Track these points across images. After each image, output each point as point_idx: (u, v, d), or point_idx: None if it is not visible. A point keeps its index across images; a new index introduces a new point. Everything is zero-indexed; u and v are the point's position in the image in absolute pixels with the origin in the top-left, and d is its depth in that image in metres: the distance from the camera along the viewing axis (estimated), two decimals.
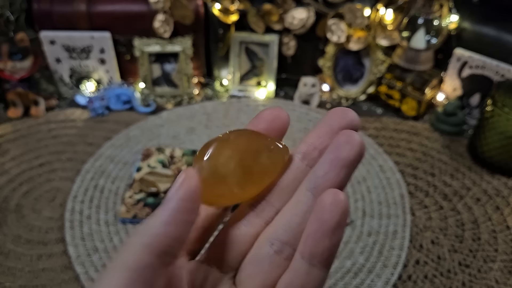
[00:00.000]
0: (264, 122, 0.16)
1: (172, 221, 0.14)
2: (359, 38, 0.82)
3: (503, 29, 0.76)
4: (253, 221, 0.16)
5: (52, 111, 0.85)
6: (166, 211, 0.14)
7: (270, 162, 0.16)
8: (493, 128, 0.67)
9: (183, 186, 0.14)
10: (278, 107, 0.17)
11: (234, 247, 0.16)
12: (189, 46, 0.83)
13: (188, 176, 0.14)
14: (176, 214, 0.14)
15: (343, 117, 0.16)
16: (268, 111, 0.16)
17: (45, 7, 0.80)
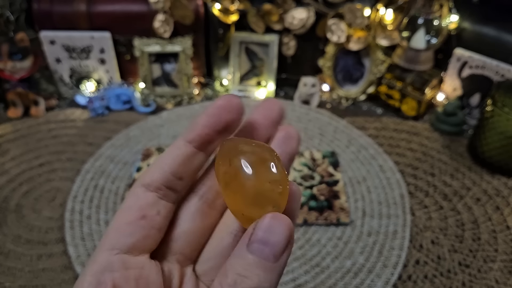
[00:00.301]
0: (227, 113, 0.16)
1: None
2: (359, 38, 0.82)
3: (503, 29, 0.76)
4: (208, 212, 0.16)
5: (52, 111, 0.85)
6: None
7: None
8: (493, 128, 0.67)
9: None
10: (230, 95, 0.16)
11: (193, 240, 0.16)
12: (189, 46, 0.83)
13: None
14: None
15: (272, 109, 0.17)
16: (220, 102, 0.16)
17: (45, 7, 0.80)
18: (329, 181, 0.66)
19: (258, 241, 0.13)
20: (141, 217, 0.15)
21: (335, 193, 0.63)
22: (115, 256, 0.14)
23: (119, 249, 0.14)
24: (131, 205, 0.15)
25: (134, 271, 0.14)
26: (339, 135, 0.78)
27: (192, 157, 0.16)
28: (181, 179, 0.15)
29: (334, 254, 0.55)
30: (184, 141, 0.16)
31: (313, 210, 0.60)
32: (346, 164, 0.71)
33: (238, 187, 0.14)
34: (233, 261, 0.14)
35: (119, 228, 0.15)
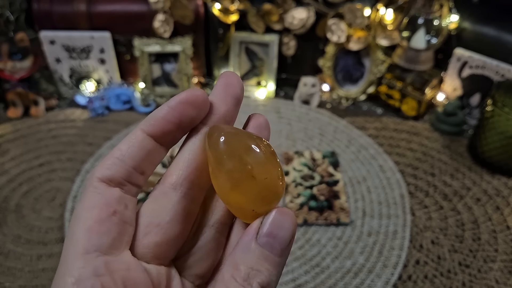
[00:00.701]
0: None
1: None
2: (359, 38, 0.82)
3: (503, 29, 0.76)
4: (193, 210, 0.16)
5: (52, 111, 0.85)
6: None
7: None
8: (493, 128, 0.67)
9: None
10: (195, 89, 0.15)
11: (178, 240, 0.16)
12: (189, 46, 0.83)
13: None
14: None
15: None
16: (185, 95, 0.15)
17: (45, 7, 0.80)
18: (329, 181, 0.66)
19: (268, 235, 0.13)
20: (112, 213, 0.14)
21: (335, 193, 0.63)
22: (97, 259, 0.13)
23: (98, 251, 0.13)
24: (97, 202, 0.14)
25: (120, 273, 0.13)
26: (339, 135, 0.78)
27: (154, 152, 0.15)
28: (143, 174, 0.15)
29: (334, 254, 0.55)
30: (145, 134, 0.15)
31: (313, 210, 0.60)
32: (346, 164, 0.70)
33: (252, 185, 0.14)
34: (243, 255, 0.13)
35: (91, 228, 0.13)
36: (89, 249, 0.13)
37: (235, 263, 0.13)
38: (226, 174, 0.14)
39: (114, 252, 0.13)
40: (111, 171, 0.14)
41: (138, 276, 0.14)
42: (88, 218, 0.13)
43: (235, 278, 0.13)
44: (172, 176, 0.15)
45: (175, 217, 0.15)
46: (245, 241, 0.14)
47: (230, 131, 0.15)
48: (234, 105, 0.16)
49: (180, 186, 0.15)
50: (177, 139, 0.15)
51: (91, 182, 0.14)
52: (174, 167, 0.15)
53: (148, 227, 0.14)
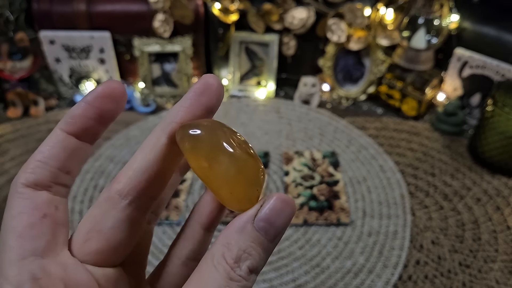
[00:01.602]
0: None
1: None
2: (359, 38, 0.82)
3: (504, 29, 0.75)
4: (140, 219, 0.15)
5: (52, 111, 0.85)
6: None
7: None
8: (494, 128, 0.66)
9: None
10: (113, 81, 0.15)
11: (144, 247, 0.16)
12: (189, 46, 0.83)
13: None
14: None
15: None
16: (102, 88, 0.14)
17: (45, 7, 0.80)
18: (329, 181, 0.66)
19: (265, 220, 0.13)
20: (42, 216, 0.13)
21: (335, 193, 0.63)
22: (32, 263, 0.13)
23: (33, 255, 0.13)
24: (24, 208, 0.13)
25: (59, 274, 0.13)
26: (339, 135, 0.78)
27: (78, 150, 0.14)
28: (69, 173, 0.14)
29: (334, 254, 0.55)
30: (65, 133, 0.14)
31: (313, 210, 0.60)
32: (346, 164, 0.70)
33: (254, 164, 0.14)
34: (238, 235, 0.13)
35: (22, 234, 0.13)
36: (24, 255, 0.13)
37: (227, 242, 0.13)
38: (228, 158, 0.13)
39: (50, 255, 0.13)
40: (35, 174, 0.13)
41: (80, 276, 0.13)
42: (18, 224, 0.13)
43: (226, 258, 0.13)
44: (120, 184, 0.14)
45: (118, 224, 0.14)
46: (241, 221, 0.13)
47: (199, 124, 0.14)
48: (204, 116, 0.15)
49: (126, 195, 0.14)
50: (100, 133, 0.15)
51: (15, 188, 0.13)
52: (123, 174, 0.14)
53: (89, 233, 0.14)
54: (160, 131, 0.14)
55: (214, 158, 0.14)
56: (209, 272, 0.13)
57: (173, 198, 0.62)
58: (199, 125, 0.14)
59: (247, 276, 0.13)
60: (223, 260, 0.13)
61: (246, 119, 0.82)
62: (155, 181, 0.14)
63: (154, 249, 0.55)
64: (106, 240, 0.14)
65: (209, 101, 0.14)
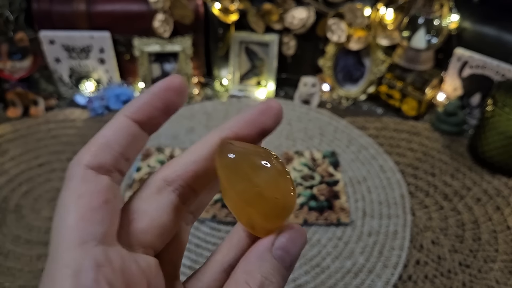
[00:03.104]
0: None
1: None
2: (359, 37, 0.82)
3: (504, 28, 0.75)
4: (181, 208, 0.15)
5: (52, 111, 0.84)
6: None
7: None
8: (494, 128, 0.66)
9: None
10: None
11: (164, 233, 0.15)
12: (189, 46, 0.83)
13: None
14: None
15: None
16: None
17: (45, 7, 0.80)
18: (329, 181, 0.66)
19: (282, 249, 0.14)
20: (104, 201, 0.13)
21: (335, 193, 0.63)
22: (95, 248, 0.12)
23: (95, 240, 0.12)
24: (88, 190, 0.13)
25: (118, 264, 0.13)
26: (339, 135, 0.78)
27: (139, 138, 0.14)
28: (128, 161, 0.14)
29: (335, 254, 0.55)
30: (129, 120, 0.14)
31: (313, 210, 0.60)
32: (347, 164, 0.70)
33: (263, 204, 0.14)
34: (259, 263, 0.14)
35: (84, 217, 0.12)
36: (86, 239, 0.12)
37: (249, 270, 0.14)
38: (236, 195, 0.14)
39: (110, 243, 0.13)
40: (98, 157, 0.13)
41: (132, 267, 0.13)
42: (80, 206, 0.12)
43: (250, 285, 0.13)
44: (166, 172, 0.15)
45: (162, 207, 0.14)
46: (261, 250, 0.14)
47: (239, 149, 0.15)
48: (257, 135, 0.15)
49: (172, 182, 0.14)
50: (160, 125, 0.15)
51: (77, 169, 0.13)
52: (172, 164, 0.15)
53: (133, 213, 0.14)
54: (216, 133, 0.15)
55: (226, 189, 0.14)
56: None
57: None
58: (234, 149, 0.14)
59: None
60: (247, 287, 0.13)
61: None
62: (200, 176, 0.15)
63: None
64: (150, 220, 0.14)
65: (267, 121, 0.15)
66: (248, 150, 0.15)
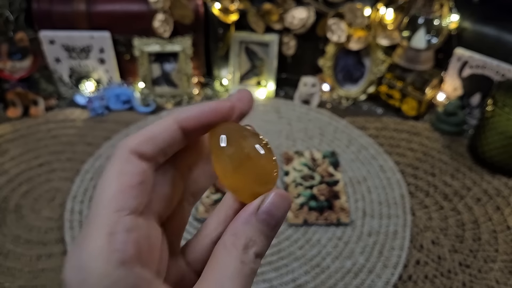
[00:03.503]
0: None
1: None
2: (359, 37, 0.82)
3: (504, 28, 0.75)
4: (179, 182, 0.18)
5: (52, 111, 0.84)
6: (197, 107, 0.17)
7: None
8: (494, 128, 0.66)
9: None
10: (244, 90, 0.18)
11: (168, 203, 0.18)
12: (189, 46, 0.83)
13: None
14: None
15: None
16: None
17: (45, 7, 0.80)
18: (329, 181, 0.66)
19: (266, 213, 0.16)
20: (140, 182, 0.15)
21: (335, 193, 0.63)
22: (127, 217, 0.15)
23: (128, 210, 0.15)
24: (129, 170, 0.15)
25: (144, 231, 0.15)
26: (339, 135, 0.78)
27: (179, 142, 0.17)
28: (165, 156, 0.17)
29: (335, 254, 0.55)
30: (177, 124, 0.17)
31: (313, 210, 0.60)
32: (347, 164, 0.70)
33: (252, 166, 0.16)
34: (244, 226, 0.16)
35: (124, 190, 0.15)
36: (121, 208, 0.15)
37: (235, 233, 0.16)
38: (228, 157, 0.16)
39: (139, 214, 0.15)
40: (142, 147, 0.16)
41: (153, 233, 0.16)
42: (121, 182, 0.15)
43: (236, 246, 0.15)
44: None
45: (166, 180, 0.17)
46: (246, 215, 0.16)
47: (230, 125, 0.17)
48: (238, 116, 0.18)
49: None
50: (198, 138, 0.18)
51: (122, 151, 0.16)
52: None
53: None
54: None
55: (218, 155, 0.16)
56: (223, 257, 0.16)
57: None
58: (228, 129, 0.17)
59: (254, 260, 0.16)
60: (233, 248, 0.15)
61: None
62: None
63: None
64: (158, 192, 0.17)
65: (244, 106, 0.18)
66: (237, 126, 0.17)
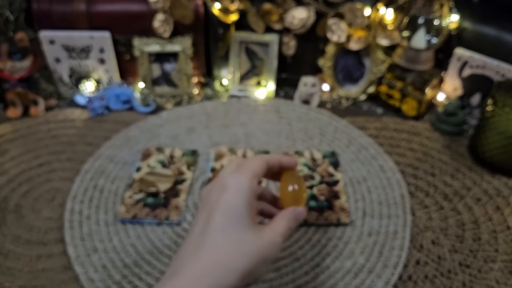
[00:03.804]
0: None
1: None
2: (359, 37, 0.82)
3: (504, 28, 0.76)
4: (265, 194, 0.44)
5: (52, 111, 0.85)
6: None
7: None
8: (494, 128, 0.66)
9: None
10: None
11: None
12: (189, 46, 0.83)
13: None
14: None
15: None
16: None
17: (45, 7, 0.80)
18: (329, 181, 0.66)
19: (296, 218, 0.37)
20: (258, 181, 0.36)
21: (335, 193, 0.63)
22: (255, 177, 0.36)
23: (254, 192, 0.35)
24: (255, 174, 0.36)
25: (260, 189, 0.41)
26: (339, 135, 0.78)
27: (263, 175, 0.38)
28: (259, 183, 0.39)
29: (335, 254, 0.55)
30: (267, 164, 0.38)
31: (313, 210, 0.60)
32: (346, 164, 0.70)
33: (295, 198, 0.38)
34: (287, 220, 0.36)
35: (255, 171, 0.36)
36: (255, 174, 0.36)
37: (284, 215, 0.37)
38: (286, 191, 0.39)
39: (256, 195, 0.36)
40: (257, 172, 0.36)
41: (266, 192, 0.43)
42: (253, 168, 0.36)
43: (285, 219, 0.36)
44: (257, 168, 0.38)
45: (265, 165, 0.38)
46: (288, 212, 0.37)
47: (289, 172, 0.40)
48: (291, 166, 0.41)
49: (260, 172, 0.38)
50: (270, 175, 0.41)
51: (250, 175, 0.36)
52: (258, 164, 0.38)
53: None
54: (277, 157, 0.40)
55: (283, 187, 0.39)
56: (280, 221, 0.36)
57: (173, 198, 0.62)
58: (293, 175, 0.40)
59: (290, 230, 0.36)
60: (284, 219, 0.36)
61: (246, 119, 0.82)
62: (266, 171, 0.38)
63: (154, 249, 0.55)
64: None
65: (291, 164, 0.41)
66: (292, 172, 0.40)
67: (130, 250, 0.55)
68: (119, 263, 0.53)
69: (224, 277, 0.28)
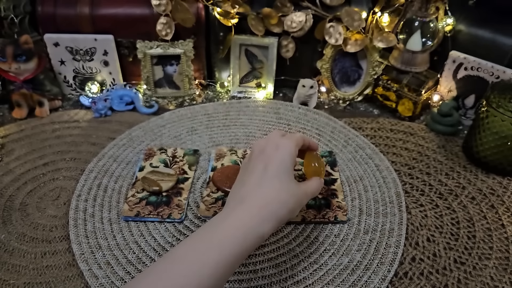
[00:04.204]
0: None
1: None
2: (356, 40, 0.83)
3: (498, 31, 0.77)
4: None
5: (56, 112, 0.86)
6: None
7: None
8: (488, 129, 0.68)
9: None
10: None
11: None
12: (190, 49, 0.85)
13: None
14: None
15: None
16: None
17: (49, 10, 0.82)
18: (327, 180, 0.67)
19: (318, 184, 0.52)
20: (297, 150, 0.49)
21: (333, 191, 0.65)
22: (297, 146, 0.49)
23: (298, 146, 0.49)
24: (297, 144, 0.49)
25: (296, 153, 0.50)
26: (337, 135, 0.79)
27: (300, 147, 0.51)
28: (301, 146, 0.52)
29: (332, 251, 0.56)
30: (303, 140, 0.51)
31: (311, 208, 0.61)
32: (344, 163, 0.72)
33: (319, 169, 0.54)
34: (316, 182, 0.51)
35: (298, 142, 0.49)
36: (297, 144, 0.50)
37: (313, 180, 0.52)
38: (310, 166, 0.54)
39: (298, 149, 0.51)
40: (299, 144, 0.50)
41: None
42: (296, 142, 0.50)
43: (317, 186, 0.51)
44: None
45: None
46: (315, 178, 0.52)
47: (312, 153, 0.55)
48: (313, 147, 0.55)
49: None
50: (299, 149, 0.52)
51: (294, 140, 0.50)
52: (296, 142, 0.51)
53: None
54: (308, 138, 0.54)
55: (306, 164, 0.55)
56: (313, 181, 0.51)
57: (175, 197, 0.64)
58: (309, 153, 0.55)
59: (318, 189, 0.52)
60: (314, 186, 0.51)
61: (246, 120, 0.84)
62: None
63: (156, 246, 0.57)
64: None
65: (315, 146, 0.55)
66: (314, 153, 0.55)
67: (134, 247, 0.56)
68: (123, 260, 0.54)
69: (279, 209, 0.41)
